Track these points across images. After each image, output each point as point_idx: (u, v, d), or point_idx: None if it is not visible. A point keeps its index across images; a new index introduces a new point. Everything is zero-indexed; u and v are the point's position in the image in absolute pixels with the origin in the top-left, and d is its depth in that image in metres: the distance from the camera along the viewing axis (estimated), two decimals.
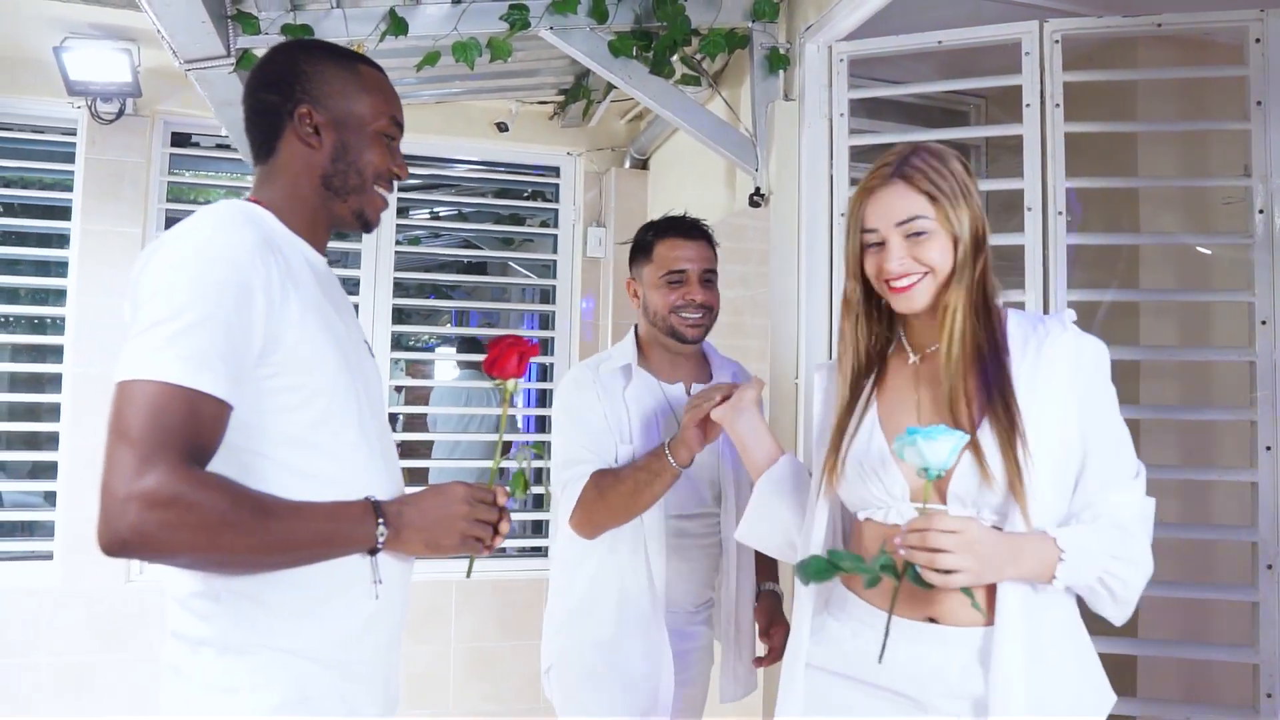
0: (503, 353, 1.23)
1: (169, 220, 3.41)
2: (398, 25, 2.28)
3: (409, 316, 4.60)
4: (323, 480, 1.10)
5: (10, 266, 3.35)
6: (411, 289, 3.73)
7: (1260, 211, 2.06)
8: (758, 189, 2.49)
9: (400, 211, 3.72)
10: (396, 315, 3.63)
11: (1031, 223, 2.15)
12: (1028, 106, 2.17)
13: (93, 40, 2.95)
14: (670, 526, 1.86)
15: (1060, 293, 2.14)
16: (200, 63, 2.19)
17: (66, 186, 3.33)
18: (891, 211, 1.25)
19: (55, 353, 3.27)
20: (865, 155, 2.59)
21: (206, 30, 2.02)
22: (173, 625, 1.10)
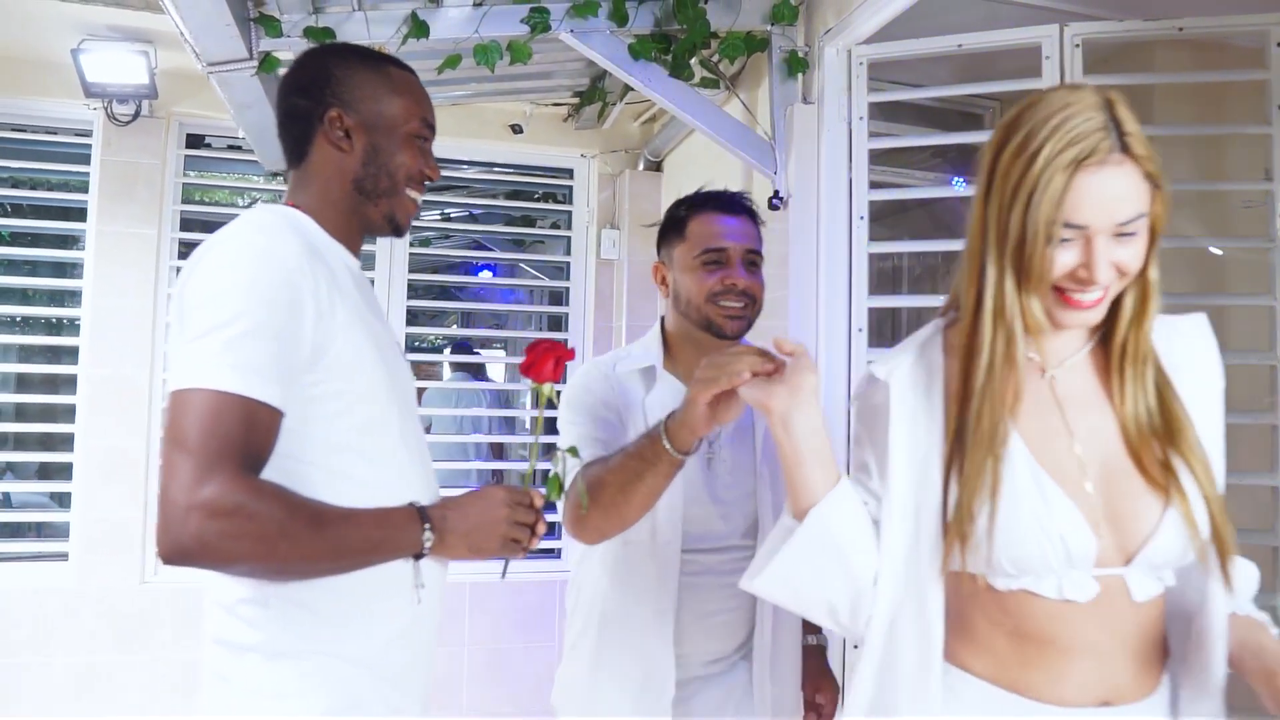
0: (539, 357, 1.23)
1: (184, 221, 3.42)
2: (419, 28, 2.28)
3: (415, 318, 4.61)
4: (365, 484, 1.11)
5: (26, 268, 3.36)
6: (420, 290, 3.74)
7: None
8: (776, 192, 2.50)
9: None
10: (410, 317, 3.64)
11: None
12: None
13: (110, 42, 2.96)
14: (689, 563, 1.49)
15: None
16: (222, 65, 2.20)
17: (82, 188, 3.34)
18: (1115, 208, 0.90)
19: (70, 354, 3.28)
20: (884, 159, 2.59)
21: (230, 33, 2.03)
22: (216, 632, 1.10)
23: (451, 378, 4.92)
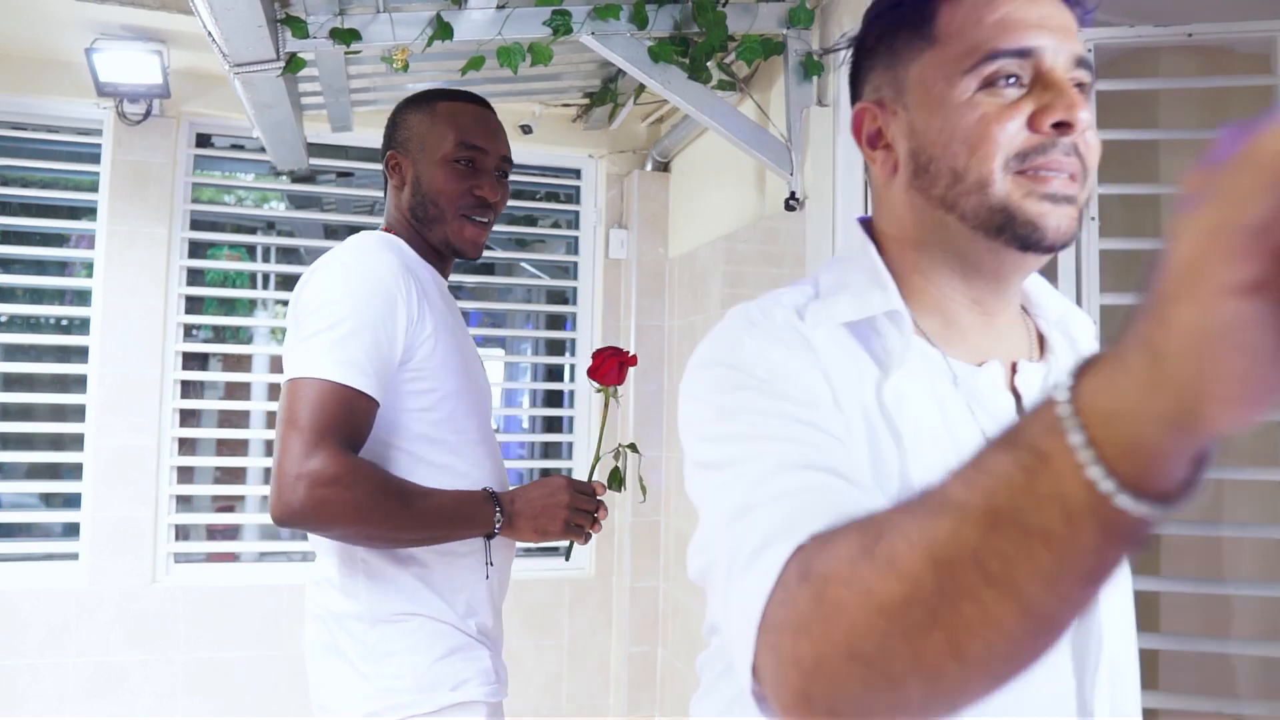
0: (605, 361, 1.41)
1: (194, 221, 3.42)
2: (444, 30, 2.31)
3: None
4: (447, 471, 1.27)
5: (35, 267, 3.35)
6: None
7: None
8: (793, 193, 2.54)
9: None
10: None
11: None
12: None
13: (124, 41, 2.96)
14: None
15: (1094, 297, 2.20)
16: (249, 66, 2.21)
17: (92, 187, 3.34)
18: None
19: (80, 353, 3.28)
20: None
21: (261, 34, 2.05)
22: (319, 608, 1.27)
23: None
